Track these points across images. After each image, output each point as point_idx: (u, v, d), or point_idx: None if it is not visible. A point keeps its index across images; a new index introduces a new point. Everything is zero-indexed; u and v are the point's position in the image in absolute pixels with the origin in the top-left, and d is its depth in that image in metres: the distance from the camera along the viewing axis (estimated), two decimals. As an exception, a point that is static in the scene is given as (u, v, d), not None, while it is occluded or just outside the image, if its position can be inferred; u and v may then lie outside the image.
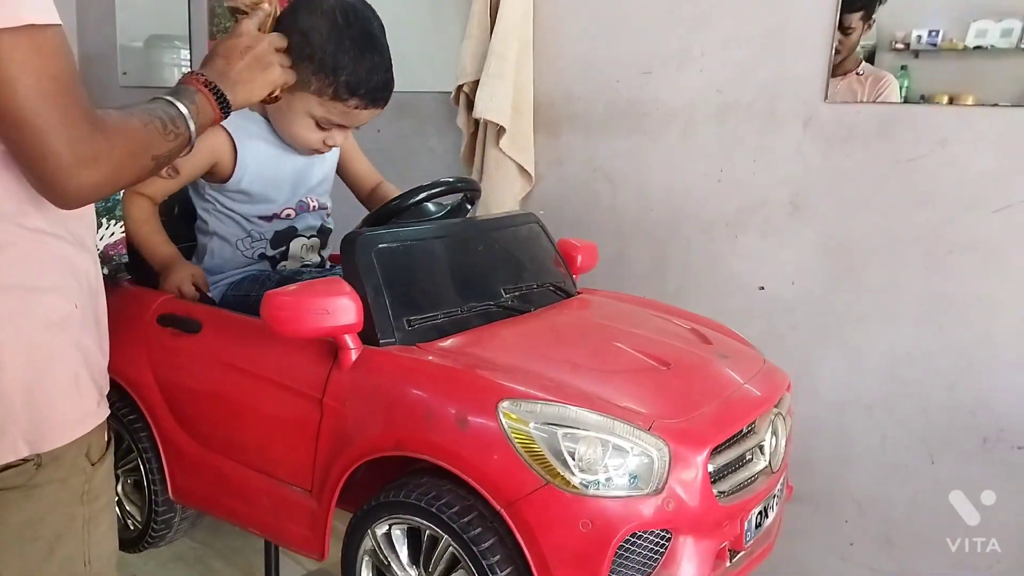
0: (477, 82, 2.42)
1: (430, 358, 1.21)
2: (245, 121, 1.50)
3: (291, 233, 1.61)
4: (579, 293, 1.66)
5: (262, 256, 1.58)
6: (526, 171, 2.49)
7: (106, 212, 2.07)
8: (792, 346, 2.16)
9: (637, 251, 2.38)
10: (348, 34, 1.40)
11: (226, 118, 1.10)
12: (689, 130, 2.25)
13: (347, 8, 1.43)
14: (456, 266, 1.42)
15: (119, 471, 1.56)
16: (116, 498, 1.58)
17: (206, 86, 1.06)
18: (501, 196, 2.48)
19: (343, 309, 1.19)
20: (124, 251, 1.41)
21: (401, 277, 1.32)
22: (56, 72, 0.79)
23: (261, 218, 1.56)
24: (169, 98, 0.99)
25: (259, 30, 1.22)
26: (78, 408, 0.94)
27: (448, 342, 1.27)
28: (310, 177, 1.63)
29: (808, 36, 2.03)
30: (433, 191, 1.48)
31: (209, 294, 1.53)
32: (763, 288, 2.19)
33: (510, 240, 1.56)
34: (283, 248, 1.60)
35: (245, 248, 1.57)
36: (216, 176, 1.51)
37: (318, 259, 1.66)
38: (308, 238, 1.64)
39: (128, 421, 1.49)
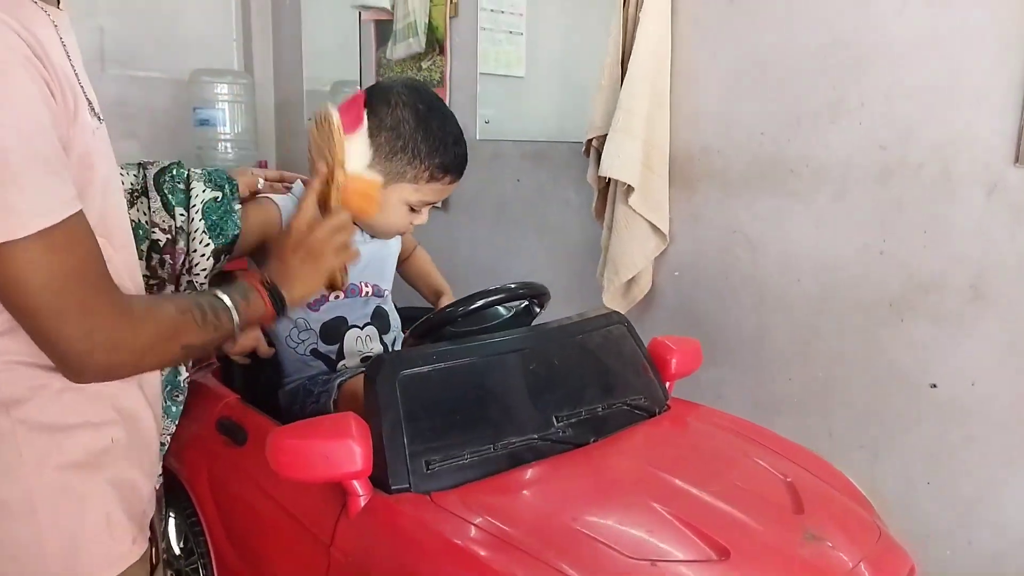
0: (605, 136, 2.19)
1: (436, 523, 1.01)
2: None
3: (342, 326, 1.48)
4: (669, 407, 1.39)
5: (316, 353, 1.47)
6: (659, 230, 2.22)
7: (225, 250, 2.03)
8: (969, 462, 1.71)
9: (780, 328, 2.03)
10: (431, 118, 1.36)
11: (281, 316, 1.07)
12: (844, 192, 1.86)
13: (419, 93, 1.39)
14: (501, 391, 1.22)
15: (187, 568, 1.54)
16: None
17: (262, 284, 1.05)
18: (631, 255, 2.23)
19: (346, 455, 1.03)
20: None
21: (427, 409, 1.14)
22: (72, 265, 0.76)
23: (308, 306, 1.45)
24: (218, 293, 0.97)
25: (323, 202, 1.20)
26: (109, 552, 0.89)
27: (466, 494, 1.07)
28: (362, 257, 1.50)
29: (993, 85, 1.58)
30: (491, 299, 1.29)
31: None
32: (935, 386, 1.76)
33: (580, 350, 1.33)
34: (337, 345, 1.48)
35: (295, 344, 1.47)
36: (264, 254, 1.42)
37: (379, 347, 1.54)
38: (362, 328, 1.50)
39: (191, 523, 1.44)
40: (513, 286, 1.31)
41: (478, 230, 2.96)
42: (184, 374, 1.20)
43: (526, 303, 1.35)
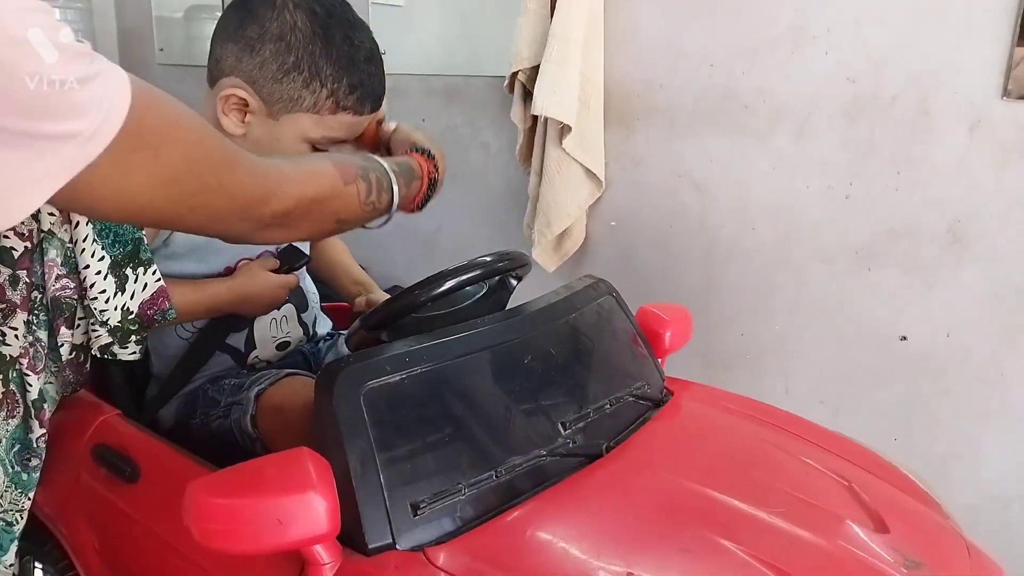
0: (535, 68, 1.88)
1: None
2: None
3: None
4: (671, 392, 1.15)
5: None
6: (595, 175, 1.96)
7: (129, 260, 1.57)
8: (943, 418, 1.60)
9: (732, 281, 1.84)
10: (333, 25, 0.99)
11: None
12: (807, 130, 1.66)
13: None
14: (495, 396, 0.92)
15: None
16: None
17: (430, 177, 0.98)
18: (565, 204, 1.96)
19: (306, 514, 0.71)
20: (167, 305, 0.97)
21: (405, 431, 0.83)
22: (172, 167, 0.59)
23: None
24: (388, 169, 0.88)
25: None
26: None
27: (471, 546, 0.78)
28: None
29: (981, 7, 1.41)
30: (465, 277, 0.98)
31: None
32: (905, 339, 1.62)
33: (575, 334, 1.05)
34: (246, 331, 1.13)
35: (189, 333, 1.11)
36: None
37: (298, 331, 1.20)
38: (279, 307, 1.17)
39: (66, 577, 1.07)
40: (490, 259, 1.00)
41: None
42: (39, 431, 0.82)
43: (500, 277, 1.04)
